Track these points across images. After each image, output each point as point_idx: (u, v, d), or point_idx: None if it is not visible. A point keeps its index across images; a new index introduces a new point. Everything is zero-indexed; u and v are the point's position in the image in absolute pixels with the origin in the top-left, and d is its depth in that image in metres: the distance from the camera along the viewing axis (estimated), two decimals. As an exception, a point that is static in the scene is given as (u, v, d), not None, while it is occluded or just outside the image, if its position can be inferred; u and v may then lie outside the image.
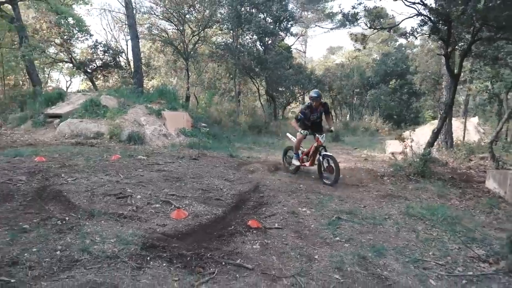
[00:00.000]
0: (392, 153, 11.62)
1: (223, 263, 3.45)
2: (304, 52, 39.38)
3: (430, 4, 7.63)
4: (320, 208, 5.51)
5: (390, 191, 6.90)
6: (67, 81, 32.38)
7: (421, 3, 7.56)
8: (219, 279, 3.18)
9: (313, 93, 7.66)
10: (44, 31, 17.77)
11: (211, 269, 3.32)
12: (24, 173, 6.11)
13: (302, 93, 23.83)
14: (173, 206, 5.05)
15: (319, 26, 30.74)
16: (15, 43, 15.52)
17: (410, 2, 7.81)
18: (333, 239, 4.32)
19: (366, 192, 6.79)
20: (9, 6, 14.02)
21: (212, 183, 6.61)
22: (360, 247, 4.09)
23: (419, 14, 7.82)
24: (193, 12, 20.08)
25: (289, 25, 20.04)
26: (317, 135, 7.52)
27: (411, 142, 9.36)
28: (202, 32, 20.44)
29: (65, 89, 24.66)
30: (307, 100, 27.95)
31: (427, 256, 3.98)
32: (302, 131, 7.52)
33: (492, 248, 4.17)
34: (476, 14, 6.57)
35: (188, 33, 20.57)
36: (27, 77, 15.73)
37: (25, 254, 3.26)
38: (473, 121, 19.71)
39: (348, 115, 32.70)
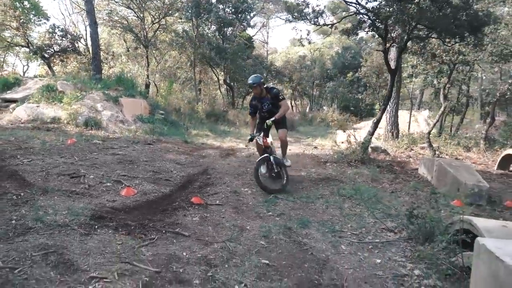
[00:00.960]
0: (342, 142, 12.43)
1: (164, 231, 3.94)
2: (266, 43, 39.90)
3: (366, 3, 8.31)
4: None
5: (329, 175, 7.55)
6: (23, 66, 31.51)
7: (358, 3, 8.23)
8: (158, 243, 3.67)
9: (249, 79, 6.51)
10: (-1, 14, 17.36)
11: (152, 236, 3.80)
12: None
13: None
14: (123, 185, 5.47)
15: (279, 17, 31.30)
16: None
17: (349, 1, 8.47)
18: (266, 213, 4.91)
19: (307, 176, 7.42)
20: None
21: (164, 166, 7.06)
22: (289, 220, 4.67)
23: (358, 12, 8.50)
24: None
25: (248, 17, 20.48)
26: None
27: (353, 131, 10.11)
28: (162, 20, 20.55)
29: (22, 74, 24.16)
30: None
31: (346, 228, 4.62)
32: (249, 136, 6.37)
33: (402, 222, 4.86)
34: (405, 15, 7.29)
35: (148, 21, 20.60)
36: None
37: (-17, 222, 3.63)
38: (424, 114, 21.00)
39: (308, 106, 33.65)
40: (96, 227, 3.86)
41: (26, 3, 14.99)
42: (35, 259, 3.04)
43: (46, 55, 20.04)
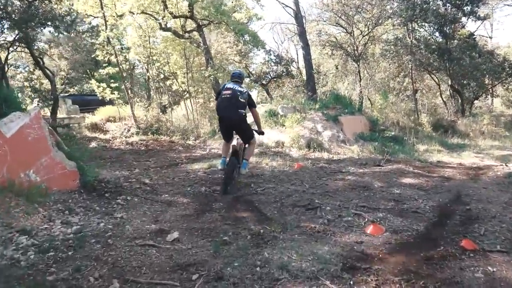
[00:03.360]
0: None
1: (443, 295, 2.87)
2: (490, 38, 34.26)
3: None
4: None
5: None
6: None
7: None
8: (441, 314, 2.62)
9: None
10: (225, 51, 19.56)
11: (429, 302, 2.78)
12: (218, 184, 6.49)
13: (493, 84, 20.62)
14: (366, 219, 4.61)
15: (508, 5, 26.14)
16: (202, 65, 17.29)
17: None
18: None
19: None
20: (196, 33, 15.86)
21: (404, 193, 5.93)
22: None
23: None
24: (361, 12, 19.36)
25: (475, 8, 17.36)
26: None
27: None
28: (372, 31, 19.57)
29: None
30: (500, 92, 24.15)
31: None
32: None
33: None
34: None
35: (357, 35, 19.94)
36: (213, 95, 17.44)
37: (228, 269, 3.25)
38: None
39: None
40: (352, 282, 3.05)
41: (246, 36, 16.38)
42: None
43: (264, 82, 21.60)
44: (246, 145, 6.39)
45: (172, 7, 15.17)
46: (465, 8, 17.17)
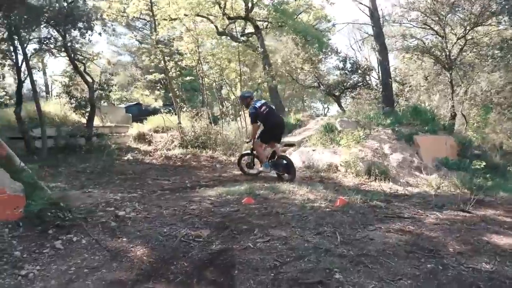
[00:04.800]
0: None
1: None
2: None
3: None
4: None
5: None
6: (323, 108, 33.43)
7: None
8: None
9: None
10: (290, 57, 17.58)
11: None
12: (211, 225, 4.57)
13: None
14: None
15: None
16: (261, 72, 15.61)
17: None
18: None
19: None
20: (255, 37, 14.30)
21: (500, 271, 3.37)
22: None
23: None
24: (457, 10, 16.10)
25: None
26: None
27: None
28: (469, 33, 16.17)
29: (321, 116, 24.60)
30: None
31: None
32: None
33: None
34: None
35: (451, 38, 16.68)
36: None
37: None
38: None
39: None
40: None
41: (309, 38, 14.39)
42: None
43: (336, 93, 19.23)
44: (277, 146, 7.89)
45: (228, 10, 13.72)
46: None
